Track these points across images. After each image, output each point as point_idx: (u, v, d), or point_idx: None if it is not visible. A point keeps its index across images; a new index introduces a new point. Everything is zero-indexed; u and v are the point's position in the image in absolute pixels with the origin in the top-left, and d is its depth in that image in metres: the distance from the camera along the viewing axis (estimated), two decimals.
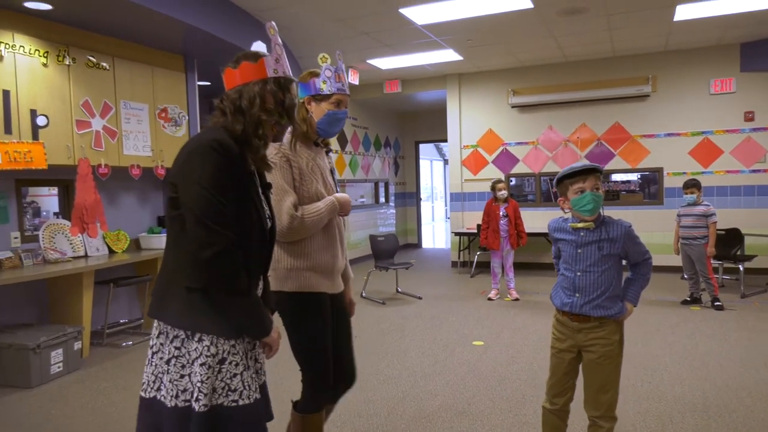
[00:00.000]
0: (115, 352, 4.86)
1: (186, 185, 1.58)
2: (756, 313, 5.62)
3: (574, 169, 2.25)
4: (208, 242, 1.55)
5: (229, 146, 1.61)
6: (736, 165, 7.69)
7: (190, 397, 1.62)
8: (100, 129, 4.96)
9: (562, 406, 2.42)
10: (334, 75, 2.30)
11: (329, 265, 2.29)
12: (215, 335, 1.63)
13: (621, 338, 2.34)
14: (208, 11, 4.96)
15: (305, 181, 2.22)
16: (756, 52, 7.43)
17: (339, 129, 2.36)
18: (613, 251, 2.27)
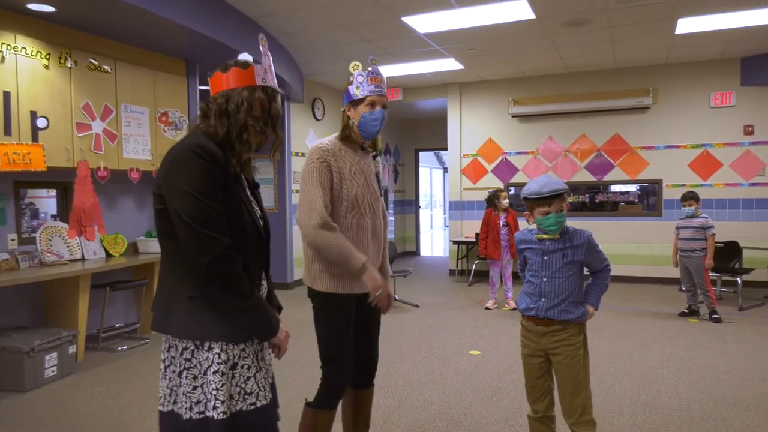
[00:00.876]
0: (110, 357, 4.84)
1: (172, 194, 1.57)
2: (754, 326, 5.60)
3: (540, 194, 2.36)
4: (204, 249, 1.54)
5: (211, 150, 1.59)
6: (736, 178, 7.69)
7: (204, 408, 1.63)
8: (100, 132, 4.96)
9: (543, 412, 2.51)
10: (366, 79, 2.39)
11: None
12: (224, 341, 1.63)
13: (584, 339, 2.46)
14: (211, 16, 4.97)
15: (345, 185, 2.34)
16: (756, 66, 7.45)
17: (376, 128, 2.41)
18: (576, 258, 2.42)
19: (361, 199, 2.38)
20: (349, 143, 2.44)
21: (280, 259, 8.02)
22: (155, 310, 1.70)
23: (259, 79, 1.69)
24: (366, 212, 2.41)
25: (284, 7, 5.35)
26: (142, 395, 3.89)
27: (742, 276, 6.49)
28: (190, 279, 1.60)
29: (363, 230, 2.40)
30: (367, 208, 2.42)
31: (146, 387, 4.05)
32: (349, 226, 2.37)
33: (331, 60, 7.36)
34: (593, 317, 2.49)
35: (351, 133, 2.42)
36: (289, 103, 8.00)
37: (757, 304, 6.58)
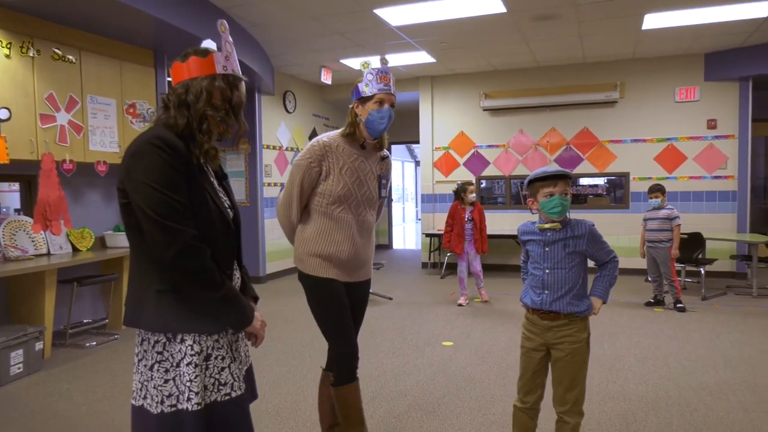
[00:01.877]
0: (78, 353, 4.74)
1: (134, 187, 1.54)
2: (716, 315, 5.78)
3: (546, 173, 2.35)
4: (168, 242, 1.52)
5: (171, 141, 1.57)
6: (699, 171, 7.90)
7: (176, 401, 1.61)
8: (65, 123, 4.84)
9: (532, 404, 2.49)
10: (376, 77, 2.44)
11: (333, 256, 2.47)
12: (196, 333, 1.62)
13: (588, 337, 2.42)
14: (179, 6, 4.88)
15: (332, 182, 2.44)
16: (719, 61, 7.66)
17: (384, 126, 2.47)
18: (578, 248, 2.37)
19: (347, 197, 2.46)
20: (350, 141, 2.50)
21: (252, 252, 7.96)
22: (127, 304, 1.68)
23: (219, 67, 1.65)
24: (351, 209, 2.49)
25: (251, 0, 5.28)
26: (112, 391, 3.82)
27: (705, 266, 6.69)
28: (157, 273, 1.59)
29: (344, 224, 2.48)
30: (354, 205, 2.49)
31: (116, 383, 3.99)
32: (329, 216, 2.47)
33: (302, 52, 7.31)
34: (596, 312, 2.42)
35: (356, 130, 2.49)
36: (260, 95, 7.92)
37: (719, 294, 6.79)
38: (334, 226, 2.48)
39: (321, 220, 2.49)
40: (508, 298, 6.73)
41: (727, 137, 7.77)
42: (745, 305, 6.21)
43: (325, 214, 2.48)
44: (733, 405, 3.42)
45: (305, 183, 2.45)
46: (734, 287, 7.16)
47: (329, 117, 10.16)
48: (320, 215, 2.49)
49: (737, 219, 7.73)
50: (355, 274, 2.57)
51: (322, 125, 9.91)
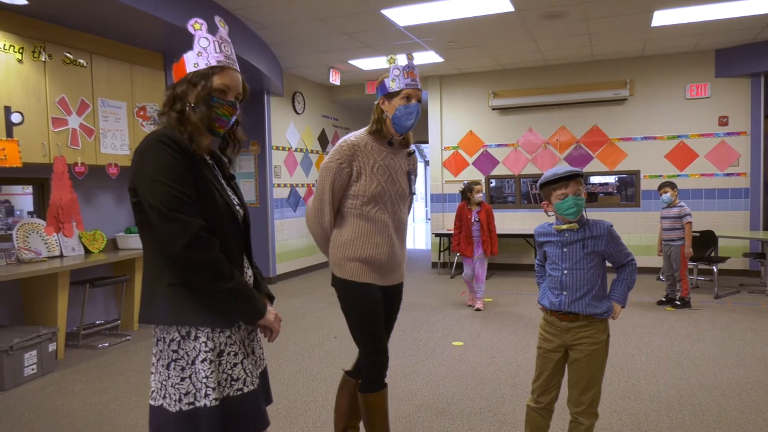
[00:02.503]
0: (90, 354, 4.79)
1: (143, 184, 1.59)
2: (729, 313, 5.73)
3: (557, 175, 2.32)
4: (177, 233, 1.55)
5: (176, 137, 1.62)
6: (711, 168, 7.84)
7: (194, 399, 1.63)
8: (77, 127, 4.88)
9: (546, 404, 2.47)
10: (402, 72, 2.41)
11: (373, 259, 2.43)
12: (209, 328, 1.64)
13: (608, 339, 2.39)
14: (188, 9, 4.91)
15: (365, 181, 2.39)
16: (730, 58, 7.59)
17: (411, 122, 2.43)
18: (596, 249, 2.35)
19: (381, 195, 2.42)
20: (377, 138, 2.46)
21: (262, 253, 7.99)
22: (141, 303, 1.71)
23: (190, 66, 1.70)
24: (387, 208, 2.46)
25: (262, 0, 5.30)
26: (125, 392, 3.86)
27: (718, 264, 6.63)
28: (168, 267, 1.62)
29: (381, 224, 2.44)
30: (389, 203, 2.46)
31: (128, 384, 4.02)
32: (366, 218, 2.43)
33: (311, 53, 7.33)
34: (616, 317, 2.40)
35: (383, 126, 2.44)
36: (269, 97, 7.95)
37: (732, 292, 6.73)
38: (372, 227, 2.43)
39: (357, 223, 2.43)
40: (518, 298, 6.71)
41: (739, 134, 7.70)
42: (758, 303, 6.15)
43: (360, 215, 2.43)
44: (746, 404, 3.39)
45: (336, 185, 2.40)
46: (747, 285, 7.09)
47: (338, 118, 10.18)
48: (355, 218, 2.43)
49: (750, 216, 7.65)
50: (390, 277, 2.53)
51: (331, 126, 9.94)
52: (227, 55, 1.75)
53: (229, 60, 1.75)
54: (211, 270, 1.60)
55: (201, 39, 1.73)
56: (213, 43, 1.73)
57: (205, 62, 1.71)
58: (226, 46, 1.76)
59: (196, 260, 1.57)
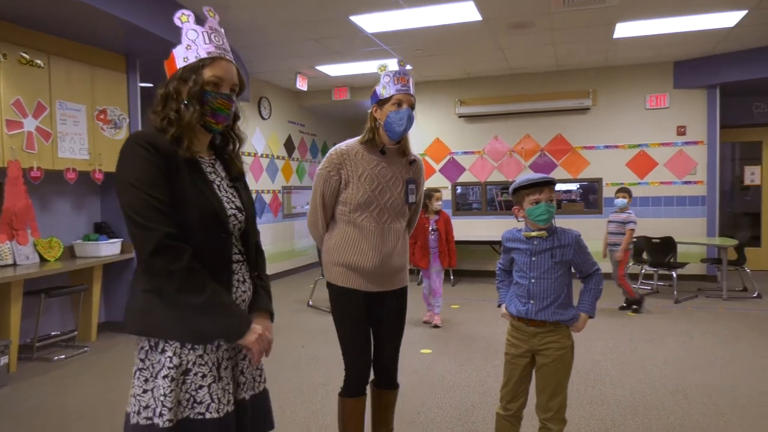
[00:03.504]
0: (45, 367, 4.59)
1: (119, 187, 1.54)
2: (689, 317, 5.87)
3: (531, 180, 2.33)
4: (144, 240, 1.49)
5: (152, 139, 1.55)
6: (670, 177, 8.05)
7: (153, 414, 1.54)
8: (33, 130, 4.70)
9: (515, 411, 2.47)
10: (393, 79, 2.41)
11: (357, 265, 2.44)
12: (178, 344, 1.55)
13: (573, 344, 2.42)
14: (152, 10, 4.79)
15: (351, 189, 2.42)
16: (688, 69, 7.83)
17: (403, 128, 2.41)
18: (564, 257, 2.36)
19: (368, 204, 2.42)
20: (369, 147, 2.47)
21: None
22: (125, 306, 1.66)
23: (180, 62, 1.63)
24: (375, 216, 2.45)
25: (229, 3, 5.21)
26: (83, 407, 3.70)
27: (677, 270, 6.80)
28: (139, 271, 1.58)
29: (368, 232, 2.44)
30: (377, 212, 2.44)
31: (86, 398, 3.86)
32: (353, 224, 2.45)
33: (278, 58, 7.26)
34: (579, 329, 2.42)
35: (375, 135, 2.45)
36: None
37: (691, 297, 6.91)
38: (358, 234, 2.45)
39: (345, 229, 2.47)
40: (484, 305, 6.74)
41: (697, 143, 7.94)
42: (715, 307, 6.32)
43: (348, 222, 2.46)
44: (708, 408, 3.46)
45: (326, 192, 2.46)
46: (705, 290, 7.30)
47: (305, 123, 10.10)
48: (344, 223, 2.47)
49: (707, 223, 7.89)
50: (386, 283, 2.52)
51: (298, 132, 9.85)
52: (218, 45, 1.66)
53: (220, 50, 1.66)
54: (177, 281, 1.49)
55: (189, 31, 1.65)
56: (202, 35, 1.65)
57: (195, 55, 1.63)
58: (217, 36, 1.67)
59: (161, 270, 1.49)
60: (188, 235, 1.55)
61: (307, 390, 3.89)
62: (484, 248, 8.69)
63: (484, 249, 8.70)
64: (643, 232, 7.55)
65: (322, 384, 4.02)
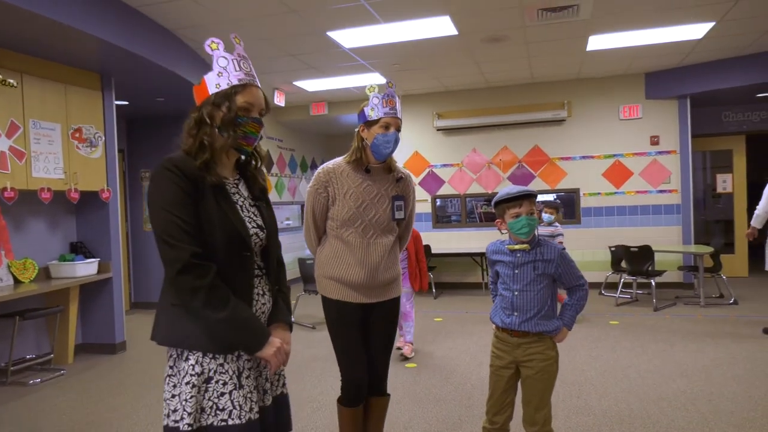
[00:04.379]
0: (20, 391, 4.46)
1: (149, 209, 1.66)
2: (668, 325, 5.95)
3: (510, 194, 2.36)
4: (171, 259, 1.60)
5: (180, 163, 1.66)
6: (645, 186, 8.19)
7: (178, 417, 1.64)
8: (6, 149, 4.60)
9: (501, 424, 2.47)
10: (381, 101, 2.49)
11: (345, 279, 2.52)
12: (200, 353, 1.66)
13: (557, 355, 2.43)
14: (126, 28, 4.75)
15: (337, 206, 2.51)
16: (659, 80, 8.00)
17: (389, 150, 2.50)
18: (547, 271, 2.38)
19: (353, 220, 2.50)
20: (355, 166, 2.56)
21: None
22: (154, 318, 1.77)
23: (212, 88, 1.73)
24: (360, 232, 2.52)
25: (204, 20, 5.20)
26: (59, 431, 3.60)
27: (655, 278, 6.90)
28: (170, 287, 1.68)
29: (354, 247, 2.52)
30: (362, 229, 2.52)
31: (63, 423, 3.76)
32: (341, 239, 2.54)
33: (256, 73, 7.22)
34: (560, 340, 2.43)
35: (362, 155, 2.54)
36: None
37: (669, 305, 7.00)
38: (345, 248, 2.53)
39: (334, 243, 2.56)
40: (467, 317, 6.74)
41: (670, 152, 8.10)
42: (694, 315, 6.41)
43: (336, 236, 2.55)
44: (692, 415, 3.49)
45: (316, 209, 2.56)
46: (683, 297, 7.41)
47: (282, 139, 10.07)
48: (333, 238, 2.56)
49: (682, 231, 8.03)
50: (376, 294, 2.57)
51: (276, 147, 9.81)
52: (247, 71, 1.77)
53: (249, 76, 1.77)
54: (202, 297, 1.60)
55: (219, 59, 1.76)
56: (232, 62, 1.76)
57: (227, 82, 1.73)
58: (245, 63, 1.79)
59: (187, 287, 1.60)
60: (213, 254, 1.66)
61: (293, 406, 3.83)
62: (465, 260, 8.72)
63: (465, 261, 8.73)
64: (621, 240, 7.67)
65: (307, 401, 3.97)
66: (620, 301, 7.20)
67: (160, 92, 6.37)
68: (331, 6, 4.98)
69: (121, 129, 7.76)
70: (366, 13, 5.18)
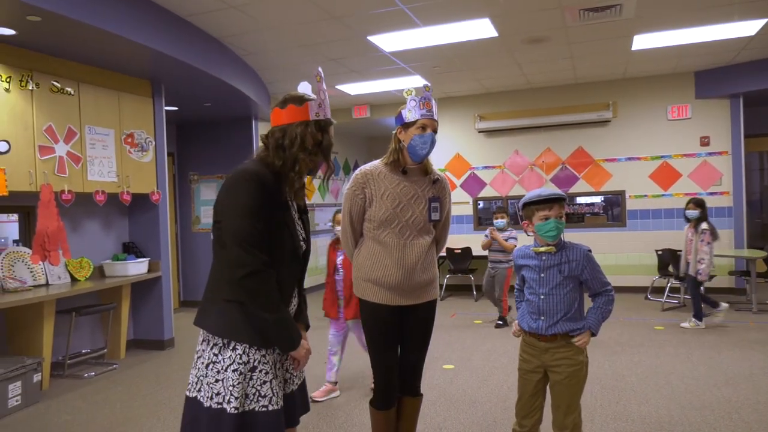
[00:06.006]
0: (77, 384, 4.71)
1: (227, 212, 1.82)
2: (717, 331, 5.76)
3: (541, 196, 2.36)
4: (244, 263, 1.77)
5: (264, 177, 1.83)
6: (695, 188, 7.95)
7: (222, 400, 1.82)
8: (64, 155, 4.87)
9: (530, 428, 2.48)
10: (419, 104, 2.53)
11: (382, 281, 2.56)
12: (248, 344, 1.84)
13: (586, 360, 2.42)
14: (175, 38, 4.95)
15: (374, 207, 2.57)
16: (709, 79, 7.76)
17: (426, 151, 2.55)
18: (572, 273, 2.37)
19: (390, 221, 2.55)
20: (392, 167, 2.62)
21: None
22: (200, 307, 1.93)
23: (312, 114, 1.92)
24: (398, 233, 2.57)
25: (249, 28, 5.36)
26: (112, 422, 3.79)
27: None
28: (229, 285, 1.83)
29: (391, 248, 2.56)
30: (399, 229, 2.56)
31: (115, 414, 3.96)
32: (377, 241, 2.59)
33: (298, 78, 7.22)
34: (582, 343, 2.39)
35: (400, 156, 2.60)
36: (257, 122, 7.98)
37: None
38: (383, 250, 2.57)
39: (371, 245, 2.61)
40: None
41: (721, 154, 7.83)
42: (745, 321, 6.19)
43: (373, 238, 2.60)
44: (737, 424, 3.40)
45: (353, 211, 2.62)
46: (734, 303, 7.14)
47: None
48: (370, 240, 2.62)
49: (734, 234, 7.75)
50: (412, 296, 2.61)
51: None
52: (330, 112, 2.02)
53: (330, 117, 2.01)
54: (261, 301, 1.80)
55: (320, 92, 1.97)
56: (327, 98, 1.99)
57: (324, 114, 1.95)
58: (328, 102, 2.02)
59: (250, 290, 1.79)
60: (274, 261, 1.85)
61: (327, 404, 3.92)
62: None
63: None
64: (669, 244, 7.45)
65: (344, 400, 4.05)
66: (666, 306, 7.01)
67: (207, 98, 6.60)
68: (371, 11, 5.06)
69: (171, 133, 8.05)
70: (405, 18, 5.24)
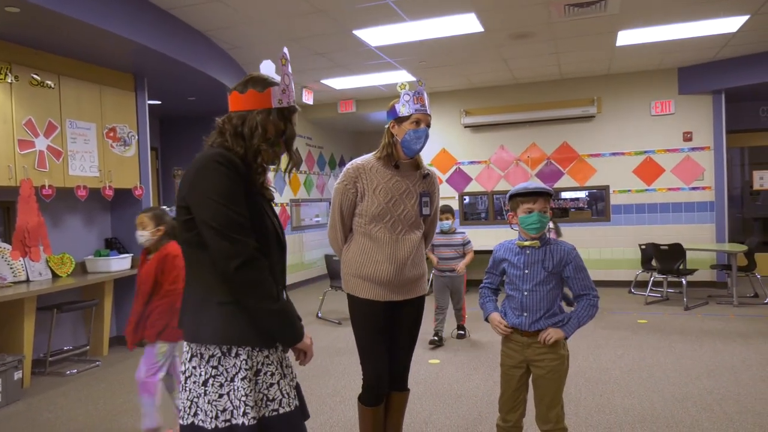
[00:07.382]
0: (58, 381, 4.65)
1: (199, 202, 1.61)
2: (698, 324, 5.84)
3: (527, 189, 2.37)
4: (232, 253, 1.58)
5: (233, 160, 1.65)
6: (677, 183, 8.03)
7: (231, 416, 1.63)
8: (44, 149, 4.79)
9: (514, 422, 2.49)
10: (412, 98, 2.53)
11: (373, 276, 2.55)
12: (250, 347, 1.65)
13: (567, 353, 2.44)
14: (158, 30, 4.89)
15: (366, 202, 2.54)
16: (692, 75, 7.83)
17: (420, 145, 2.55)
18: (556, 269, 2.38)
19: (383, 216, 2.54)
20: (384, 162, 2.60)
21: None
22: (183, 322, 1.71)
23: (275, 101, 1.73)
24: (389, 228, 2.56)
25: (233, 21, 5.31)
26: (95, 419, 3.75)
27: (687, 277, 6.77)
28: (218, 286, 1.64)
29: (383, 242, 2.55)
30: (391, 224, 2.56)
31: (98, 410, 3.91)
32: (369, 236, 2.57)
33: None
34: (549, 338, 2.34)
35: (393, 150, 2.58)
36: None
37: (701, 304, 6.86)
38: (373, 245, 2.56)
39: (361, 240, 2.59)
40: None
41: (703, 149, 7.92)
42: (726, 314, 6.28)
43: (364, 233, 2.58)
44: (717, 415, 3.44)
45: (344, 205, 2.58)
46: (715, 296, 7.25)
47: (311, 136, 10.19)
48: (360, 235, 2.59)
49: (716, 229, 7.85)
50: (402, 292, 2.61)
51: (305, 144, 9.93)
52: (295, 97, 1.81)
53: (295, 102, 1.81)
54: (260, 291, 1.61)
55: (284, 76, 1.77)
56: (292, 82, 1.79)
57: (287, 101, 1.75)
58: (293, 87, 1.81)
59: (248, 280, 1.59)
60: (262, 249, 1.66)
61: (316, 401, 3.91)
62: None
63: None
64: (652, 238, 7.54)
65: (331, 395, 4.05)
66: (650, 299, 7.09)
67: (191, 92, 6.53)
68: (357, 5, 5.03)
69: (154, 128, 7.96)
70: (391, 12, 5.22)
